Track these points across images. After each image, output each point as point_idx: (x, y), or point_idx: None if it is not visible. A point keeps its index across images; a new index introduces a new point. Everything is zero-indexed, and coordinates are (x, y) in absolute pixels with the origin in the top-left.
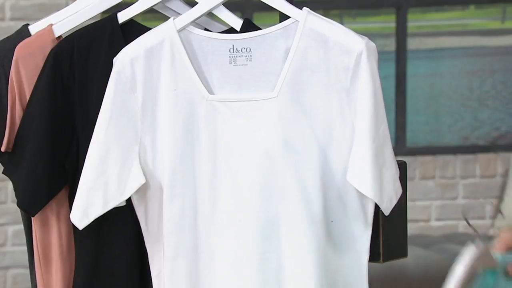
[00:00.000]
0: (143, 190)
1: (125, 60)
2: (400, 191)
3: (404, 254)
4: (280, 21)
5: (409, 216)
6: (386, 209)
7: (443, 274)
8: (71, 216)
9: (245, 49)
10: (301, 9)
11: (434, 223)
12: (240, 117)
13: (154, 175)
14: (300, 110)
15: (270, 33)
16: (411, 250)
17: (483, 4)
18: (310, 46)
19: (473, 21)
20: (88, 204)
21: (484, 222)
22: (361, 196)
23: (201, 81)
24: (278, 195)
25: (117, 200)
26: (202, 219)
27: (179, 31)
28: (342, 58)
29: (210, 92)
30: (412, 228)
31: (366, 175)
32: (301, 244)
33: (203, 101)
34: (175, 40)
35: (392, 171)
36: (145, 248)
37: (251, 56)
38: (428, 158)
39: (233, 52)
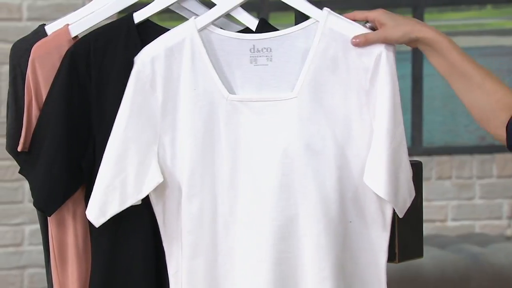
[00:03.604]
0: (161, 189)
1: (146, 59)
2: (413, 193)
3: (420, 254)
4: (295, 21)
5: (425, 216)
6: (401, 211)
7: (459, 275)
8: (87, 213)
9: (266, 49)
10: (321, 9)
11: (450, 223)
12: (260, 117)
13: (173, 174)
14: (319, 111)
15: (290, 33)
16: (428, 250)
17: (500, 3)
18: (330, 47)
19: (490, 20)
20: (106, 202)
21: (501, 222)
22: (379, 197)
23: (221, 80)
24: (296, 195)
25: (134, 199)
26: (220, 218)
27: (199, 30)
28: (362, 59)
29: (231, 91)
30: (428, 228)
31: (382, 177)
32: (319, 245)
33: (223, 101)
34: (195, 40)
35: (407, 173)
36: (162, 247)
37: (271, 56)
38: (444, 158)
39: (254, 52)
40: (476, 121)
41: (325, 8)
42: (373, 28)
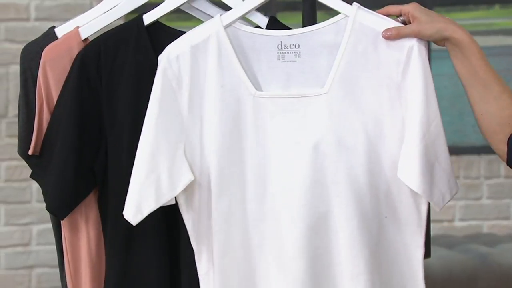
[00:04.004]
0: (191, 186)
1: (171, 57)
2: (456, 188)
3: (427, 254)
4: (303, 21)
5: (433, 217)
6: (438, 204)
7: (467, 275)
8: (124, 212)
9: (294, 45)
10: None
11: (458, 224)
12: (289, 114)
13: (202, 172)
14: (351, 106)
15: (319, 29)
16: (435, 250)
17: (508, 3)
18: (361, 41)
19: (498, 20)
20: (142, 200)
21: (509, 222)
22: (413, 192)
23: (248, 77)
24: (328, 192)
25: (169, 196)
26: (250, 215)
27: (225, 27)
28: (393, 52)
29: (258, 88)
30: (436, 229)
31: (415, 171)
32: (352, 241)
33: (250, 98)
34: (221, 36)
35: (446, 167)
36: (176, 250)
37: (299, 52)
38: (452, 158)
39: (282, 48)
40: (481, 131)
41: (354, 3)
42: (405, 23)
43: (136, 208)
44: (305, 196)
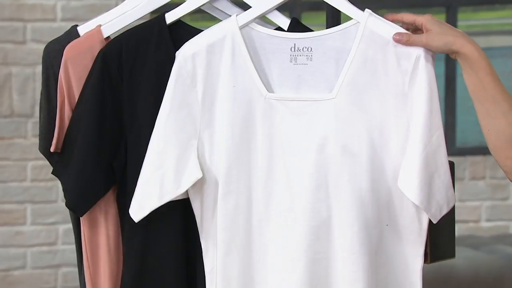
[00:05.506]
0: (199, 184)
1: (187, 55)
2: (453, 201)
3: (452, 254)
4: (327, 22)
5: (459, 217)
6: (434, 217)
7: (493, 276)
8: (130, 209)
9: (306, 49)
10: (362, 9)
11: (484, 224)
12: (297, 117)
13: (211, 170)
14: (357, 113)
15: (331, 33)
16: (461, 251)
17: None
18: (370, 48)
19: None
20: (145, 197)
21: None
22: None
23: (260, 78)
24: (330, 196)
25: (173, 194)
26: (255, 216)
27: (241, 27)
28: (401, 61)
29: (269, 90)
30: (462, 229)
31: (413, 181)
32: (351, 247)
33: (261, 99)
34: (236, 37)
35: (445, 179)
36: (193, 248)
37: (311, 55)
38: (478, 158)
39: (294, 51)
40: (489, 147)
41: (366, 10)
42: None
43: (139, 204)
44: (309, 199)
